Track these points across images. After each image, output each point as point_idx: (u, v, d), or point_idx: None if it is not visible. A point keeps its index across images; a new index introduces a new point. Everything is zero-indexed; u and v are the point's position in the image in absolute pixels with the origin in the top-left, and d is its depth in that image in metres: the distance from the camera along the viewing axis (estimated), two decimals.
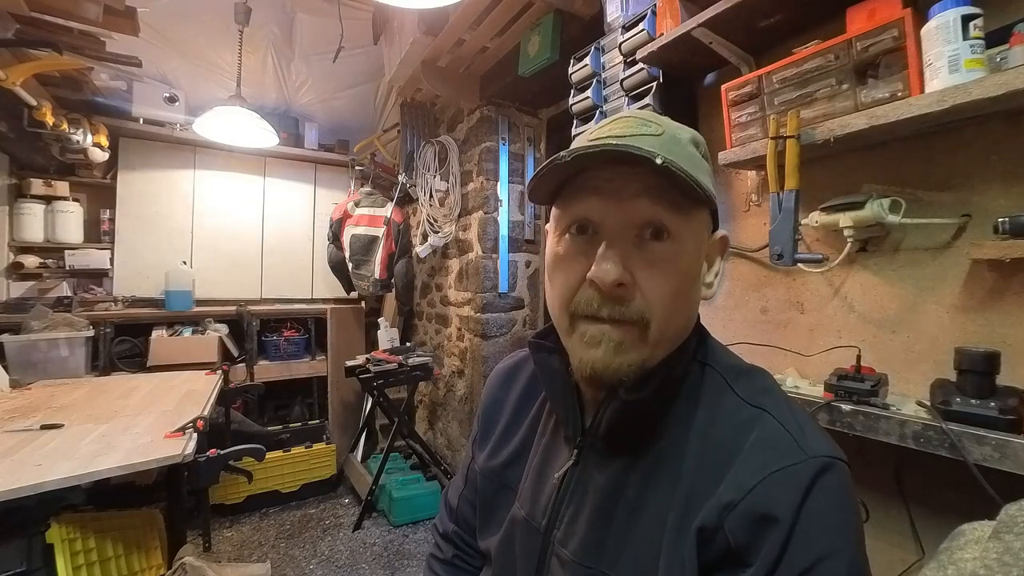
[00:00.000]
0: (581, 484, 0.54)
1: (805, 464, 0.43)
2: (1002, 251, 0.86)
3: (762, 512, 0.42)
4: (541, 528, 0.56)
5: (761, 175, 1.35)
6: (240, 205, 3.47)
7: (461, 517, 0.75)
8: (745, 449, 0.46)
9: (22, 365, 2.29)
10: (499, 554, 0.62)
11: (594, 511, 0.51)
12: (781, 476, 0.43)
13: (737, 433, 0.47)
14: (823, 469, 0.43)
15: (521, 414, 0.67)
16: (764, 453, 0.45)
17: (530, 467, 0.61)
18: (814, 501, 0.42)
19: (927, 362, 1.05)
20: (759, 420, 0.47)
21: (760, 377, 0.53)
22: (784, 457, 0.44)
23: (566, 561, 0.52)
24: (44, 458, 1.28)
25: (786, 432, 0.46)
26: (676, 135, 0.49)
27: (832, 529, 0.42)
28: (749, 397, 0.49)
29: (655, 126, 0.48)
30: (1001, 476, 0.79)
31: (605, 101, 1.66)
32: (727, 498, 0.44)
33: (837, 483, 0.44)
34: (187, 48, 2.93)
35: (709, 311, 1.53)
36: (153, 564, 1.53)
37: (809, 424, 0.48)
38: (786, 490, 0.43)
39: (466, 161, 2.70)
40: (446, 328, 2.94)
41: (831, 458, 0.45)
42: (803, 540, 0.41)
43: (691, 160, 0.48)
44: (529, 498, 0.59)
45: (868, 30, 0.97)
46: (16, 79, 2.05)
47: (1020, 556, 0.45)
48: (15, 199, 2.78)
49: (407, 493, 2.53)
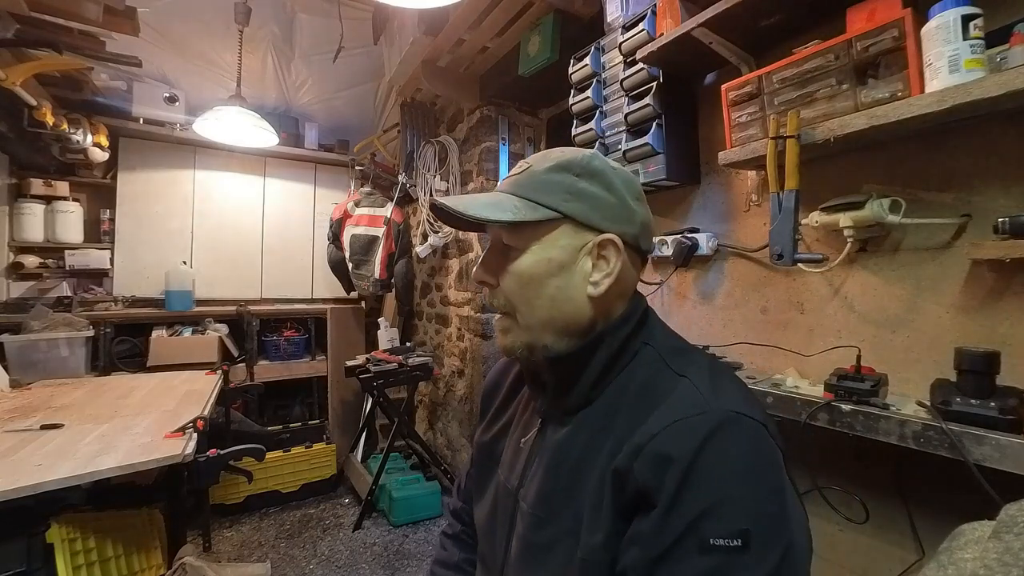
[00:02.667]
0: (543, 447, 0.63)
1: (706, 415, 0.48)
2: (1002, 251, 0.86)
3: (663, 453, 0.47)
4: (513, 489, 0.64)
5: (761, 175, 1.35)
6: (240, 205, 3.47)
7: (468, 494, 0.81)
8: (660, 407, 0.52)
9: (22, 365, 2.29)
10: (485, 520, 0.70)
11: (547, 467, 0.60)
12: (683, 424, 0.48)
13: (660, 396, 0.54)
14: (725, 421, 0.48)
15: (511, 397, 0.76)
16: (674, 407, 0.51)
17: (511, 438, 0.70)
18: (711, 447, 0.46)
19: (927, 362, 1.05)
20: (679, 384, 0.54)
21: (694, 355, 0.60)
22: (689, 409, 0.50)
23: (524, 512, 0.60)
24: (44, 458, 1.28)
25: (697, 391, 0.52)
26: (535, 167, 0.61)
27: (731, 475, 0.45)
28: (677, 368, 0.56)
29: (524, 166, 0.62)
30: (1001, 476, 0.79)
31: (605, 101, 1.66)
32: (636, 441, 0.50)
33: (739, 434, 0.48)
34: (187, 48, 2.93)
35: (709, 311, 1.53)
36: (153, 564, 1.53)
37: (728, 387, 0.54)
38: (686, 436, 0.47)
39: (466, 161, 2.70)
40: (446, 328, 2.94)
41: (737, 413, 0.49)
42: (700, 482, 0.45)
43: (535, 186, 0.59)
44: (508, 465, 0.68)
45: (868, 30, 0.97)
46: (16, 79, 2.05)
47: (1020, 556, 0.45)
48: (15, 199, 2.78)
49: (407, 493, 2.53)
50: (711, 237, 1.47)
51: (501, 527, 0.65)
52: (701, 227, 1.52)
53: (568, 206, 0.58)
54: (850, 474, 1.14)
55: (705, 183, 1.55)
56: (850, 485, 1.13)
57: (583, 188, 0.59)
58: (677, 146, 1.48)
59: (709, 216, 1.53)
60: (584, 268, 0.58)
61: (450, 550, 0.81)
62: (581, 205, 0.58)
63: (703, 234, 1.47)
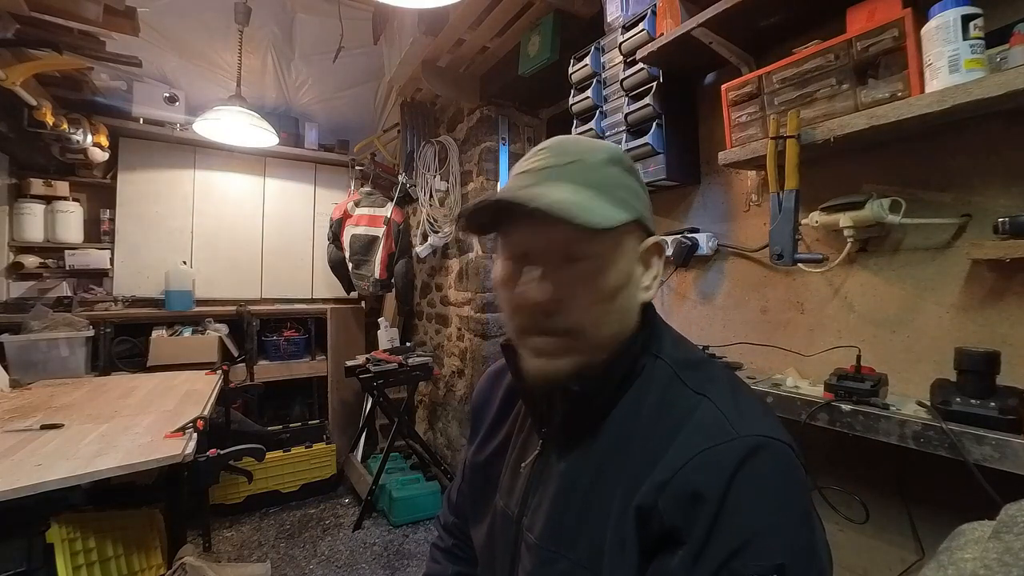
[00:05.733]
0: (546, 473, 0.58)
1: (733, 443, 0.45)
2: (1002, 251, 0.86)
3: (690, 490, 0.44)
4: (514, 516, 0.59)
5: (761, 175, 1.35)
6: (240, 205, 3.47)
7: (459, 510, 0.79)
8: (683, 432, 0.48)
9: (22, 365, 2.29)
10: (483, 544, 0.66)
11: (555, 497, 0.55)
12: (709, 455, 0.45)
13: (679, 419, 0.49)
14: (754, 448, 0.44)
15: (505, 412, 0.71)
16: (698, 434, 0.47)
17: (509, 460, 0.65)
18: (743, 479, 0.43)
19: (927, 362, 1.05)
20: (700, 406, 0.49)
21: (709, 368, 0.55)
22: (715, 437, 0.46)
23: (531, 545, 0.55)
24: (44, 458, 1.28)
25: (721, 415, 0.48)
26: (589, 160, 0.53)
27: (764, 507, 0.43)
28: (695, 386, 0.52)
29: (567, 156, 0.53)
30: (1001, 476, 0.79)
31: (605, 101, 1.66)
32: (660, 477, 0.46)
33: (770, 462, 0.45)
34: (187, 48, 2.93)
35: (709, 311, 1.53)
36: (153, 564, 1.53)
37: (751, 408, 0.50)
38: (714, 469, 0.44)
39: (466, 161, 2.70)
40: (446, 328, 2.94)
41: (765, 437, 0.45)
42: (733, 518, 0.42)
43: (602, 183, 0.52)
44: (507, 489, 0.63)
45: (868, 30, 0.97)
46: (16, 79, 2.05)
47: (1020, 556, 0.45)
48: (15, 199, 2.78)
49: (407, 493, 2.53)
50: (711, 237, 1.47)
51: (502, 555, 0.61)
52: (701, 227, 1.52)
53: (636, 207, 0.53)
54: (850, 474, 1.14)
55: (705, 183, 1.55)
56: (850, 485, 1.13)
57: (634, 186, 0.55)
58: (677, 146, 1.48)
59: (709, 216, 1.53)
60: (637, 273, 0.55)
61: (442, 563, 0.78)
62: (640, 205, 0.54)
63: (703, 234, 1.47)
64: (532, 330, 0.54)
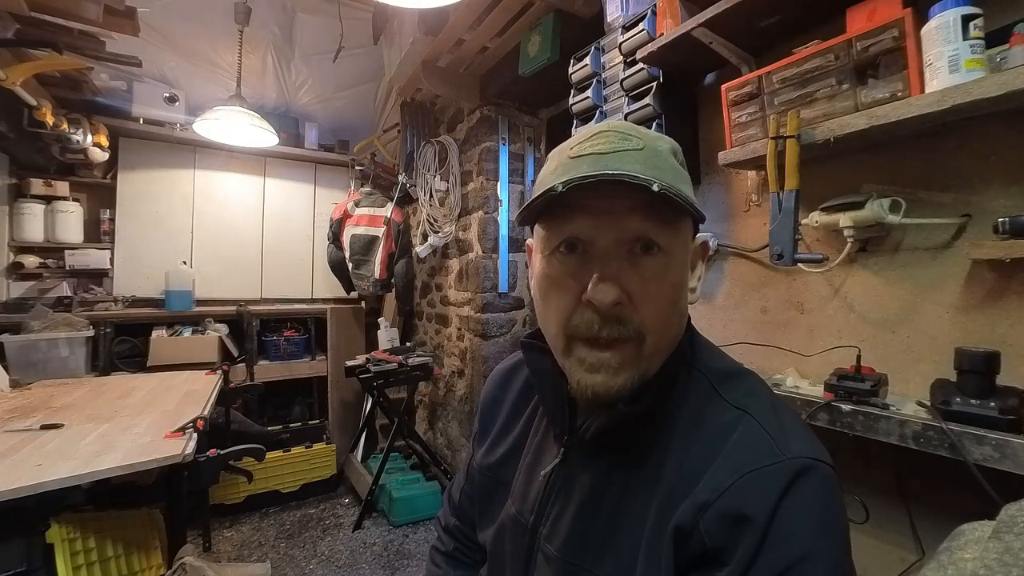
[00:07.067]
0: (567, 482, 0.55)
1: (782, 465, 0.43)
2: (1002, 251, 0.86)
3: (736, 512, 0.42)
4: (529, 524, 0.57)
5: (761, 175, 1.35)
6: (240, 205, 3.47)
7: (462, 512, 0.77)
8: (724, 451, 0.46)
9: (22, 365, 2.29)
10: (493, 549, 0.64)
11: (578, 509, 0.52)
12: (756, 477, 0.43)
13: (718, 435, 0.47)
14: (801, 471, 0.43)
15: (517, 413, 0.68)
16: (741, 454, 0.45)
17: (522, 465, 0.62)
18: (790, 502, 0.42)
19: (927, 362, 1.05)
20: (741, 422, 0.47)
21: (748, 380, 0.53)
22: (761, 458, 0.44)
23: (551, 557, 0.53)
24: (44, 458, 1.28)
25: (766, 433, 0.46)
26: (656, 148, 0.49)
27: (810, 531, 0.41)
28: (734, 400, 0.49)
29: (635, 140, 0.48)
30: (1001, 476, 0.79)
31: (605, 101, 1.66)
32: (702, 498, 0.44)
33: (816, 485, 0.43)
34: (187, 48, 2.93)
35: (709, 311, 1.53)
36: (153, 564, 1.53)
37: (794, 426, 0.48)
38: (761, 491, 0.42)
39: (466, 161, 2.70)
40: (446, 328, 2.94)
41: (812, 460, 0.44)
42: (778, 541, 0.41)
43: (674, 173, 0.48)
44: (520, 495, 0.60)
45: (868, 30, 0.97)
46: (16, 79, 2.05)
47: (1020, 556, 0.45)
48: (15, 199, 2.78)
49: (407, 493, 2.53)
50: (711, 237, 1.47)
51: (514, 563, 0.59)
52: (701, 227, 1.52)
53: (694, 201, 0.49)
54: (850, 474, 1.14)
55: (705, 183, 1.55)
56: (850, 485, 1.13)
57: (689, 180, 0.51)
58: None
59: (709, 216, 1.53)
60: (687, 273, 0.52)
61: (443, 568, 0.76)
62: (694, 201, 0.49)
63: (703, 234, 1.47)
64: (592, 340, 0.48)
